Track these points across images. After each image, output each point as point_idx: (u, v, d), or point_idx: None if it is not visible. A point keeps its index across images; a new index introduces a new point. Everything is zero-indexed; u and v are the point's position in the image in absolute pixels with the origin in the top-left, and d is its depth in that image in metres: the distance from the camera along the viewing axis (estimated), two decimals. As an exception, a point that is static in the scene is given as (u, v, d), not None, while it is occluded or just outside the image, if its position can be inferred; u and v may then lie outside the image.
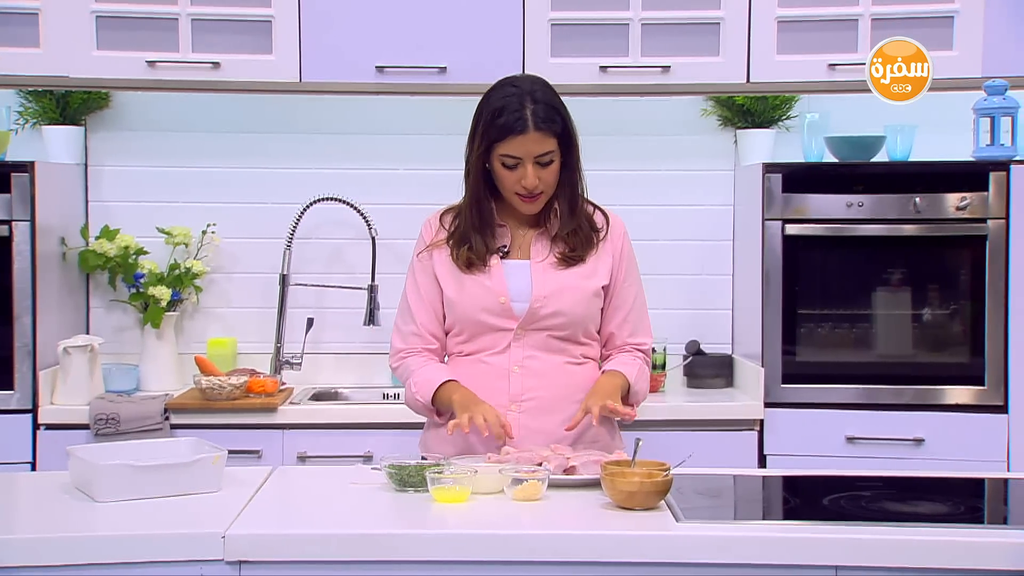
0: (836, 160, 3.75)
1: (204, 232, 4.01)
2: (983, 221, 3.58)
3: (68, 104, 3.98)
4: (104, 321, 4.05)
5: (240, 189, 4.10)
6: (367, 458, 3.48)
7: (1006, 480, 2.79)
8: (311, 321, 4.04)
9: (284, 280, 4.04)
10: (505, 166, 2.69)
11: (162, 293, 3.88)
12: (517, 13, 3.69)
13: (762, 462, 3.62)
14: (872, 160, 3.72)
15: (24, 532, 2.22)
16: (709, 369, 3.97)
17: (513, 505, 2.34)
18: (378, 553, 2.16)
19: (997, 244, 3.56)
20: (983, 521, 2.46)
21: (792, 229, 3.65)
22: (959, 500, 2.49)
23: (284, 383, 3.88)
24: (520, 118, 2.66)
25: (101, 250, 3.87)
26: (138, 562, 2.13)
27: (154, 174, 4.09)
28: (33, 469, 3.50)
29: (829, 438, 3.59)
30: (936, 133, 3.82)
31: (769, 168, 3.68)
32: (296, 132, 4.12)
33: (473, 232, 2.76)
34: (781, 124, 4.06)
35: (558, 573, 2.16)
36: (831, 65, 3.69)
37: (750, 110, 4.04)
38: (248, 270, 4.12)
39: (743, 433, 3.63)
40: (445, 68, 3.70)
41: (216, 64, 3.67)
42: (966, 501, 2.54)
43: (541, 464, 2.48)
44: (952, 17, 3.66)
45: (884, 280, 3.70)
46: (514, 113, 2.66)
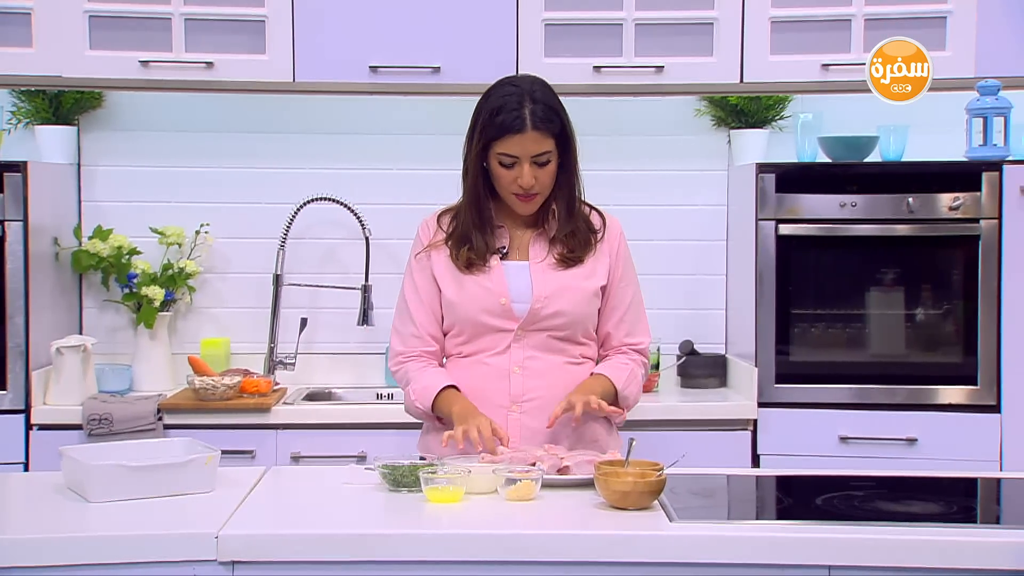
0: (829, 160, 3.75)
1: (197, 232, 4.01)
2: (976, 221, 3.59)
3: (61, 104, 3.97)
4: (97, 321, 4.04)
5: (233, 189, 4.10)
6: (361, 458, 3.47)
7: (999, 480, 2.80)
8: (305, 321, 4.03)
9: (277, 280, 4.04)
10: (502, 165, 2.69)
11: (155, 293, 3.87)
12: (511, 13, 3.69)
13: (755, 462, 3.62)
14: (865, 160, 3.72)
15: (17, 533, 2.22)
16: (703, 369, 3.97)
17: (507, 505, 2.34)
18: (372, 553, 2.16)
19: (990, 244, 3.57)
20: (976, 521, 2.46)
21: (785, 229, 3.65)
22: (952, 500, 2.50)
23: (278, 383, 3.87)
24: (518, 117, 2.66)
25: (94, 250, 3.86)
26: (131, 563, 2.13)
27: (147, 174, 4.08)
28: (26, 469, 3.49)
29: (822, 438, 3.59)
30: (929, 133, 3.83)
31: (763, 168, 3.69)
32: (289, 132, 4.11)
33: (474, 230, 2.76)
34: (775, 124, 4.07)
35: (552, 573, 2.17)
36: (824, 65, 3.69)
37: (744, 110, 4.04)
38: (241, 270, 4.11)
39: (736, 433, 3.63)
40: (439, 68, 3.69)
41: (209, 64, 3.67)
42: (959, 501, 2.55)
43: (535, 464, 2.48)
44: (945, 18, 3.67)
45: (877, 280, 3.71)
46: (512, 112, 2.66)
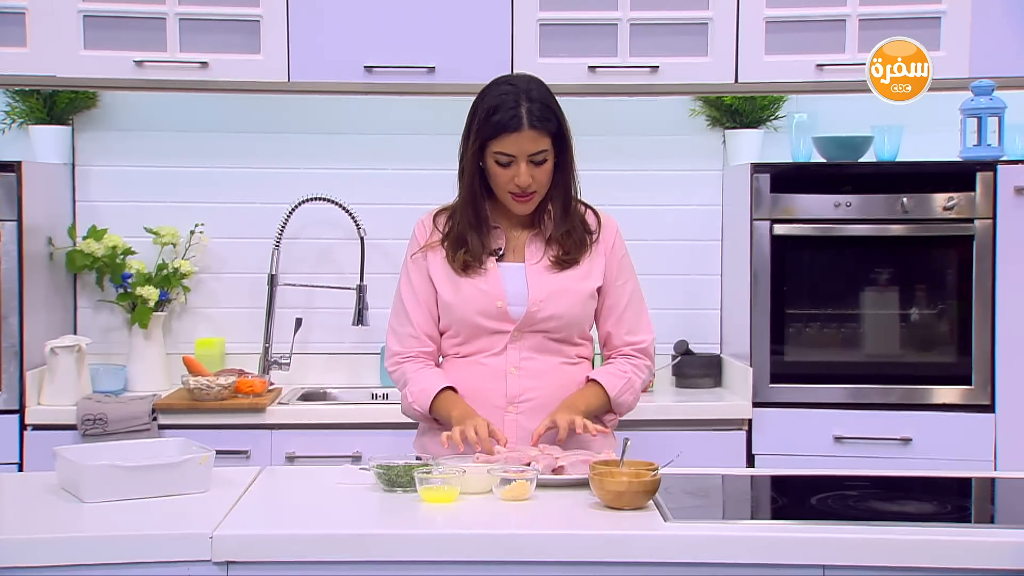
0: (824, 160, 3.76)
1: (192, 232, 4.01)
2: (970, 221, 3.59)
3: (55, 104, 3.96)
4: (92, 321, 4.04)
5: (228, 189, 4.09)
6: (355, 458, 3.47)
7: (993, 479, 2.80)
8: (299, 321, 4.03)
9: (272, 280, 4.04)
10: (499, 164, 2.69)
11: (150, 293, 3.87)
12: (505, 13, 3.69)
13: (750, 462, 3.62)
14: (860, 160, 3.73)
15: (11, 533, 2.21)
16: (697, 369, 3.97)
17: (501, 505, 2.34)
18: (366, 553, 2.16)
19: (984, 244, 3.57)
20: (970, 520, 2.46)
21: (780, 229, 3.65)
22: (946, 499, 2.50)
23: (272, 383, 3.87)
24: (515, 116, 2.65)
25: (89, 250, 3.86)
26: (125, 563, 2.13)
27: (142, 174, 4.08)
28: (20, 470, 3.49)
29: (817, 438, 3.60)
30: (923, 133, 3.83)
31: (757, 168, 3.69)
32: (284, 132, 4.11)
33: (469, 230, 2.75)
34: (769, 124, 4.07)
35: (546, 573, 2.16)
36: (819, 65, 3.70)
37: (738, 110, 4.04)
38: (236, 270, 4.11)
39: (731, 433, 3.64)
40: (433, 68, 3.69)
41: (204, 64, 3.67)
42: (953, 500, 2.55)
43: (529, 464, 2.48)
44: (939, 18, 3.68)
45: (872, 280, 3.71)
46: (509, 111, 2.66)
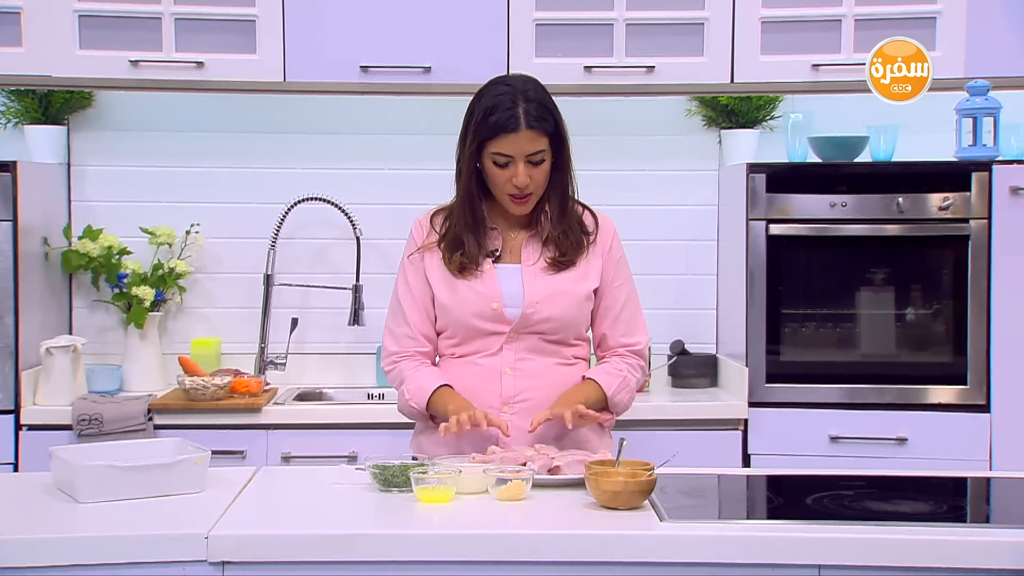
0: (820, 160, 3.76)
1: (188, 232, 4.00)
2: (965, 221, 3.59)
3: (51, 103, 3.96)
4: (87, 321, 4.03)
5: (224, 189, 4.09)
6: (351, 458, 3.47)
7: (988, 479, 2.80)
8: (295, 321, 4.03)
9: (268, 280, 4.03)
10: (496, 164, 2.68)
11: (145, 293, 3.86)
12: (501, 13, 3.69)
13: (746, 461, 3.62)
14: (855, 160, 3.73)
15: (6, 533, 2.20)
16: (693, 369, 3.97)
17: (497, 505, 2.34)
18: (362, 553, 2.16)
19: (979, 244, 3.58)
20: (965, 520, 2.47)
21: (776, 229, 3.66)
22: (942, 499, 2.51)
23: (268, 383, 3.87)
24: (512, 116, 2.65)
25: (84, 250, 3.85)
26: (121, 563, 2.13)
27: (137, 174, 4.07)
28: (15, 470, 3.48)
29: (813, 437, 3.60)
30: (919, 133, 3.84)
31: (753, 168, 3.69)
32: (280, 132, 4.11)
33: (466, 232, 2.74)
34: (765, 124, 4.07)
35: (542, 573, 2.16)
36: (815, 66, 3.70)
37: (734, 110, 4.04)
38: (232, 270, 4.11)
39: (727, 433, 3.64)
40: (429, 68, 3.69)
41: (200, 64, 3.66)
42: (949, 500, 2.55)
43: (525, 464, 2.48)
44: (935, 18, 3.68)
45: (867, 280, 3.72)
46: (506, 111, 2.65)
